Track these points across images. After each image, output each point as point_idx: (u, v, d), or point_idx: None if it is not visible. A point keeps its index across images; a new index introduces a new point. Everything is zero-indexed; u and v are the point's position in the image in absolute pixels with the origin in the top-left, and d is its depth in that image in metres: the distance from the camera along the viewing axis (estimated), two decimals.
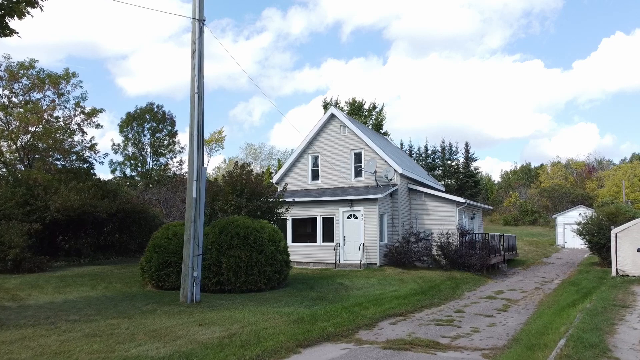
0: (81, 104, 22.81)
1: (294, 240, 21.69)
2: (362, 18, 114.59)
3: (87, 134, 23.78)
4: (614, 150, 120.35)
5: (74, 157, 23.74)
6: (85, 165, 24.31)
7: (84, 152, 23.94)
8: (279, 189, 24.09)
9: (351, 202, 20.63)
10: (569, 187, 68.70)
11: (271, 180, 24.92)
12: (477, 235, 22.62)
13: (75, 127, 23.11)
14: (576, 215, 42.07)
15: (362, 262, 19.96)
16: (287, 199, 18.27)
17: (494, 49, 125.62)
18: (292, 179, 24.25)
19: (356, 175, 23.08)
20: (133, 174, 48.49)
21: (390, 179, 21.59)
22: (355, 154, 23.20)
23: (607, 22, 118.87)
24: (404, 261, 20.24)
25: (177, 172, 46.43)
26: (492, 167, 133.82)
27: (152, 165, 48.92)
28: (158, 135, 48.36)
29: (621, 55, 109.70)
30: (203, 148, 11.67)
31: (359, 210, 20.56)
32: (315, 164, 24.06)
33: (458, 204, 22.36)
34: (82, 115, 22.94)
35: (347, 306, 11.50)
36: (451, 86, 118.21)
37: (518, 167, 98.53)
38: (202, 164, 11.60)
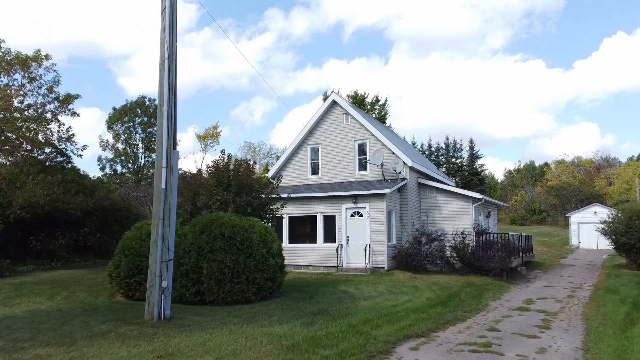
0: (54, 89, 20.49)
1: (291, 241, 19.44)
2: (363, 18, 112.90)
3: (64, 124, 21.45)
4: (615, 150, 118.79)
5: (48, 150, 21.44)
6: (62, 158, 22.00)
7: (60, 143, 21.63)
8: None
9: (355, 198, 18.36)
10: (578, 185, 66.38)
11: (266, 175, 22.65)
12: (495, 235, 20.34)
13: (49, 115, 20.80)
14: (591, 213, 39.87)
15: (368, 266, 17.69)
16: (283, 195, 15.99)
17: (496, 49, 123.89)
18: (289, 173, 21.98)
19: (360, 169, 20.80)
20: (124, 171, 46.25)
21: (399, 172, 19.31)
22: (359, 145, 20.92)
23: (609, 22, 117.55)
24: (415, 264, 17.98)
25: None
26: (492, 166, 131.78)
27: (145, 161, 46.66)
28: (150, 130, 46.03)
29: (622, 55, 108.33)
30: (175, 127, 9.41)
31: (364, 207, 18.28)
32: (315, 157, 21.79)
33: (474, 200, 20.08)
34: (56, 103, 20.62)
35: (355, 324, 9.23)
36: (452, 86, 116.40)
37: (522, 166, 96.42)
38: (175, 148, 9.34)
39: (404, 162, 19.43)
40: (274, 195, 14.53)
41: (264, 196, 14.16)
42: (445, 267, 18.78)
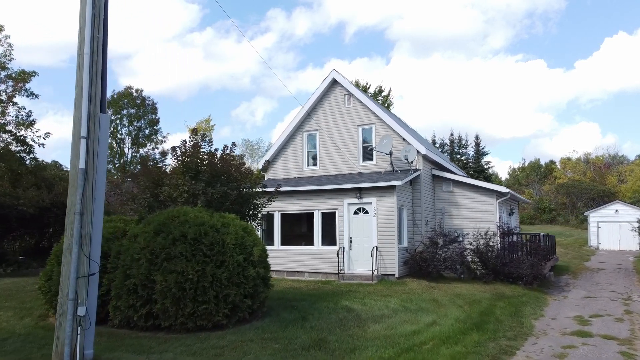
0: (7, 65, 17.52)
1: (284, 243, 16.52)
2: (365, 18, 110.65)
3: (24, 108, 18.51)
4: (617, 149, 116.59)
5: (4, 137, 18.48)
6: (21, 148, 19.04)
7: (19, 130, 18.68)
8: (266, 177, 18.98)
9: (359, 192, 15.42)
10: (589, 183, 63.49)
11: (258, 168, 19.75)
12: (523, 235, 17.42)
13: (3, 96, 17.85)
14: (612, 212, 36.91)
15: (375, 273, 14.76)
16: (270, 188, 12.97)
17: (497, 49, 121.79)
18: (283, 164, 19.06)
19: (365, 159, 17.86)
20: (110, 167, 43.26)
21: (411, 162, 16.36)
22: (363, 130, 17.97)
23: (610, 22, 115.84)
24: (430, 270, 15.06)
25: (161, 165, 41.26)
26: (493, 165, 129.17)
27: (132, 157, 43.66)
28: (137, 123, 43.06)
29: (623, 55, 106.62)
30: (105, 82, 6.49)
31: (371, 203, 15.35)
32: (312, 145, 18.85)
33: (499, 194, 17.15)
34: (9, 82, 17.67)
35: None
36: (453, 86, 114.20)
37: (526, 164, 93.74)
38: (103, 110, 6.41)
39: (418, 150, 16.49)
40: (259, 189, 11.53)
41: (247, 189, 11.18)
42: (464, 274, 15.87)
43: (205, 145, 10.72)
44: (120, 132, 42.77)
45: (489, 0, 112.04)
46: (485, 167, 60.59)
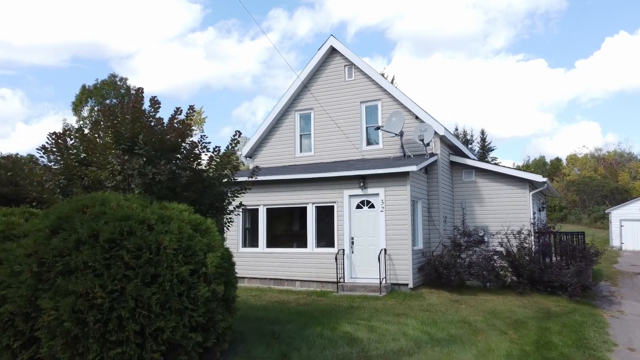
0: None
1: (270, 245, 13.48)
2: (366, 18, 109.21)
3: None
4: (629, 147, 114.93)
5: None
6: None
7: None
8: (251, 166, 15.90)
9: (363, 180, 12.37)
10: (600, 180, 60.57)
11: (240, 154, 16.70)
12: (563, 235, 14.38)
13: None
14: (636, 209, 33.90)
15: (384, 282, 11.70)
16: (260, 177, 9.72)
17: (498, 49, 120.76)
18: (270, 150, 16.01)
19: (369, 142, 14.80)
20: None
21: (427, 144, 13.28)
22: (367, 108, 14.88)
23: (611, 22, 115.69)
24: (452, 278, 12.02)
25: None
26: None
27: None
28: None
29: (624, 55, 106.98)
30: None
31: (377, 194, 12.29)
32: (306, 127, 15.78)
33: (532, 185, 14.12)
34: None
35: None
36: (455, 86, 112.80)
37: (530, 162, 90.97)
38: None
39: (435, 131, 13.40)
40: (226, 174, 8.35)
41: (211, 169, 8.07)
42: (491, 282, 12.85)
43: (151, 109, 7.63)
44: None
45: (490, 0, 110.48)
46: (492, 163, 57.95)
